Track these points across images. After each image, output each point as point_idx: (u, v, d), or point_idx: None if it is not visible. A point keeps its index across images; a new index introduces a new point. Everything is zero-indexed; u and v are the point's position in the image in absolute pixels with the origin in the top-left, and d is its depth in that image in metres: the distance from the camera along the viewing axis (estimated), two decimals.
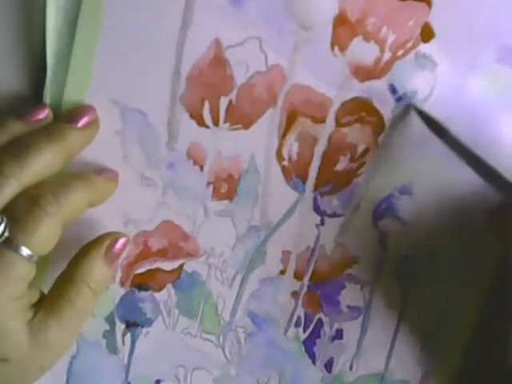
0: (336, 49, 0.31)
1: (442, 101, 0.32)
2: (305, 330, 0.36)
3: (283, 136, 0.33)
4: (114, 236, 0.31)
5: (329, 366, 0.36)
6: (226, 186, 0.34)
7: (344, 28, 0.31)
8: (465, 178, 0.33)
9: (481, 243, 0.34)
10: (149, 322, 0.36)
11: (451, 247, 0.34)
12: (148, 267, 0.35)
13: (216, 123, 0.32)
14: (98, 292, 0.30)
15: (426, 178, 0.33)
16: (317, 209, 0.34)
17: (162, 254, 0.35)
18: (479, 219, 0.34)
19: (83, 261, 0.30)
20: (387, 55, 0.31)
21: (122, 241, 0.32)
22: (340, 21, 0.31)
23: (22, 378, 0.30)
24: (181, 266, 0.35)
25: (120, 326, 0.36)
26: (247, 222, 0.34)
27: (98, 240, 0.31)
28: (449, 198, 0.33)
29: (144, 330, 0.36)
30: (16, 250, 0.27)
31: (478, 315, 0.35)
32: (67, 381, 0.36)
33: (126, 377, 0.36)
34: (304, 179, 0.33)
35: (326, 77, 0.32)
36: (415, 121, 0.32)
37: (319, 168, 0.33)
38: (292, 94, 0.32)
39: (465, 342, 0.35)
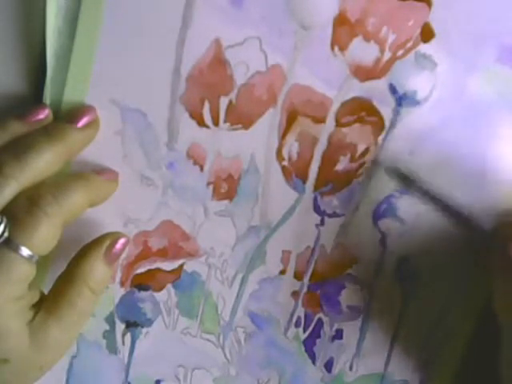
0: (336, 49, 0.31)
1: (442, 101, 0.32)
2: (305, 330, 0.36)
3: (283, 136, 0.33)
4: (114, 236, 0.31)
5: (329, 366, 0.36)
6: (226, 186, 0.34)
7: (344, 28, 0.31)
8: (464, 178, 0.33)
9: (480, 242, 0.34)
10: (149, 322, 0.36)
11: (451, 247, 0.34)
12: (148, 267, 0.35)
13: (216, 123, 0.32)
14: (97, 292, 0.30)
15: (426, 178, 0.33)
16: (317, 209, 0.34)
17: (162, 254, 0.35)
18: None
19: (83, 261, 0.30)
20: (387, 55, 0.31)
21: (121, 241, 0.32)
22: (340, 21, 0.31)
23: (22, 378, 0.30)
24: (181, 266, 0.35)
25: (120, 326, 0.36)
26: (247, 222, 0.34)
27: (98, 240, 0.31)
28: (448, 197, 0.33)
29: (144, 330, 0.36)
30: (16, 250, 0.27)
31: (478, 315, 0.35)
32: (67, 381, 0.36)
33: (126, 377, 0.36)
34: (304, 179, 0.33)
35: (326, 77, 0.32)
36: (414, 122, 0.32)
37: (319, 168, 0.33)
38: (292, 94, 0.32)
39: (465, 342, 0.35)
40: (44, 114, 0.31)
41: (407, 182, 0.32)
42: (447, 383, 0.36)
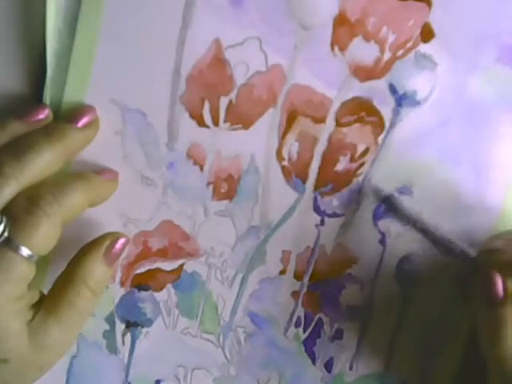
0: (336, 49, 0.31)
1: (442, 101, 0.32)
2: (305, 330, 0.36)
3: (283, 136, 0.33)
4: (114, 236, 0.31)
5: (329, 366, 0.36)
6: (226, 186, 0.34)
7: (344, 28, 0.31)
8: (464, 178, 0.33)
9: (481, 241, 0.34)
10: (149, 322, 0.36)
11: (451, 246, 0.34)
12: (148, 267, 0.35)
13: (216, 123, 0.32)
14: (97, 292, 0.30)
15: (426, 177, 0.33)
16: (317, 209, 0.34)
17: (162, 254, 0.35)
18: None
19: (83, 261, 0.30)
20: (387, 55, 0.31)
21: (121, 241, 0.32)
22: (340, 21, 0.31)
23: (21, 378, 0.30)
24: (181, 266, 0.35)
25: (120, 326, 0.36)
26: (247, 222, 0.34)
27: (98, 240, 0.31)
28: (448, 197, 0.33)
29: (144, 330, 0.36)
30: (16, 250, 0.27)
31: None
32: (67, 381, 0.36)
33: (126, 377, 0.36)
34: (304, 179, 0.33)
35: (326, 77, 0.32)
36: (414, 122, 0.32)
37: (319, 168, 0.33)
38: (292, 94, 0.32)
39: (465, 341, 0.35)
40: (44, 114, 0.31)
41: (390, 205, 0.33)
42: (447, 383, 0.36)
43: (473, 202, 0.33)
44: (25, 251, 0.27)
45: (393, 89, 0.32)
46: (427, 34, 0.31)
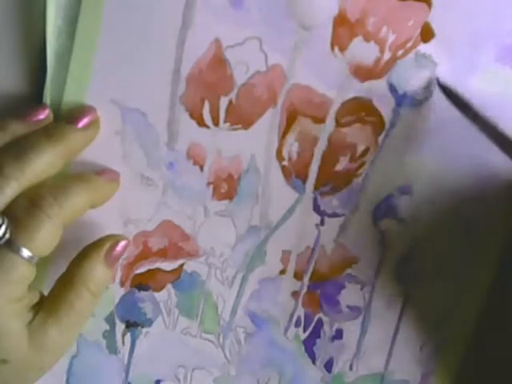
0: (336, 49, 0.31)
1: (442, 101, 0.32)
2: (305, 330, 0.36)
3: (283, 136, 0.33)
4: (115, 239, 0.31)
5: (329, 365, 0.36)
6: (226, 186, 0.34)
7: (344, 28, 0.31)
8: (464, 177, 0.33)
9: (481, 243, 0.34)
10: (149, 322, 0.36)
11: (451, 247, 0.34)
12: (148, 267, 0.35)
13: (216, 123, 0.32)
14: (97, 294, 0.30)
15: (426, 177, 0.33)
16: (317, 209, 0.34)
17: (162, 254, 0.35)
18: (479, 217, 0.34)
19: (83, 263, 0.30)
20: (387, 55, 0.31)
21: (122, 244, 0.31)
22: (340, 21, 0.31)
23: (21, 378, 0.30)
24: (181, 266, 0.35)
25: (120, 326, 0.36)
26: (247, 222, 0.34)
27: (99, 242, 0.31)
28: (448, 197, 0.33)
29: (144, 330, 0.36)
30: (17, 251, 0.27)
31: (478, 315, 0.35)
32: (67, 381, 0.36)
33: (126, 377, 0.36)
34: (304, 179, 0.33)
35: (326, 77, 0.32)
36: (414, 122, 0.32)
37: (319, 168, 0.33)
38: (292, 94, 0.32)
39: (465, 341, 0.35)
40: (44, 114, 0.31)
41: (464, 107, 0.31)
42: (448, 382, 0.36)
43: (473, 201, 0.33)
44: (25, 253, 0.27)
45: (393, 89, 0.32)
46: (427, 34, 0.31)
